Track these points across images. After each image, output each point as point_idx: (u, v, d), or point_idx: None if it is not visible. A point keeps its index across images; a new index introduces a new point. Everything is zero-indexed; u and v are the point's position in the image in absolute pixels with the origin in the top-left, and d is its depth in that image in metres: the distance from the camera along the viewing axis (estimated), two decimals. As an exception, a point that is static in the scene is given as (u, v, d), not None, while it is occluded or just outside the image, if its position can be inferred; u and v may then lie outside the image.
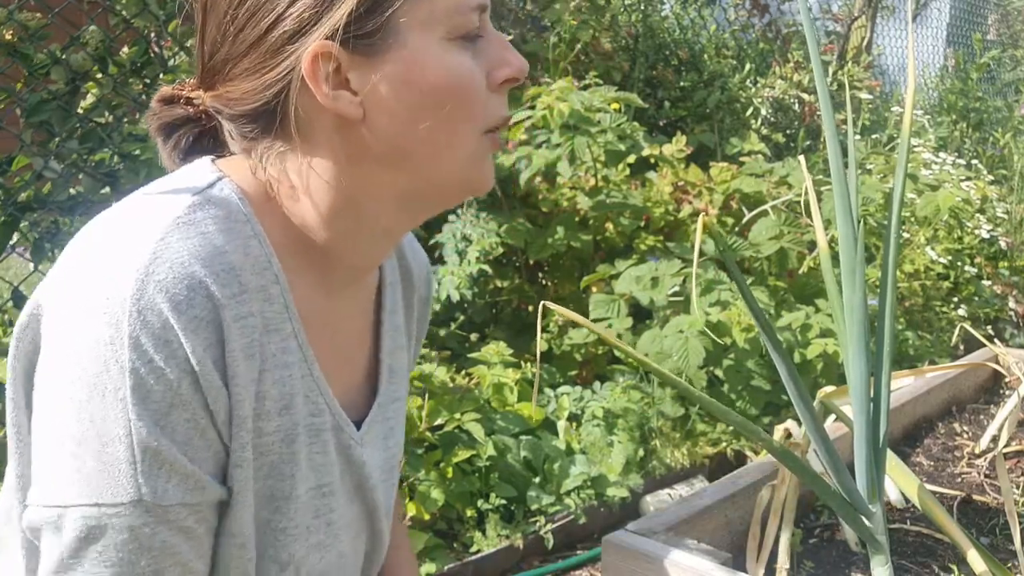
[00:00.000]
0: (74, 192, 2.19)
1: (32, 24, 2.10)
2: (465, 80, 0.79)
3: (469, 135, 0.81)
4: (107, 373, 0.71)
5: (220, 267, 0.75)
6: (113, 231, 0.77)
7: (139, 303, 0.71)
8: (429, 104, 0.78)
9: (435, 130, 0.79)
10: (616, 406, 2.64)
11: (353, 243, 0.85)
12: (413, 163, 0.81)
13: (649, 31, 4.68)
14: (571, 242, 3.01)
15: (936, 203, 3.51)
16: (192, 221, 0.76)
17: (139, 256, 0.72)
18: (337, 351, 0.90)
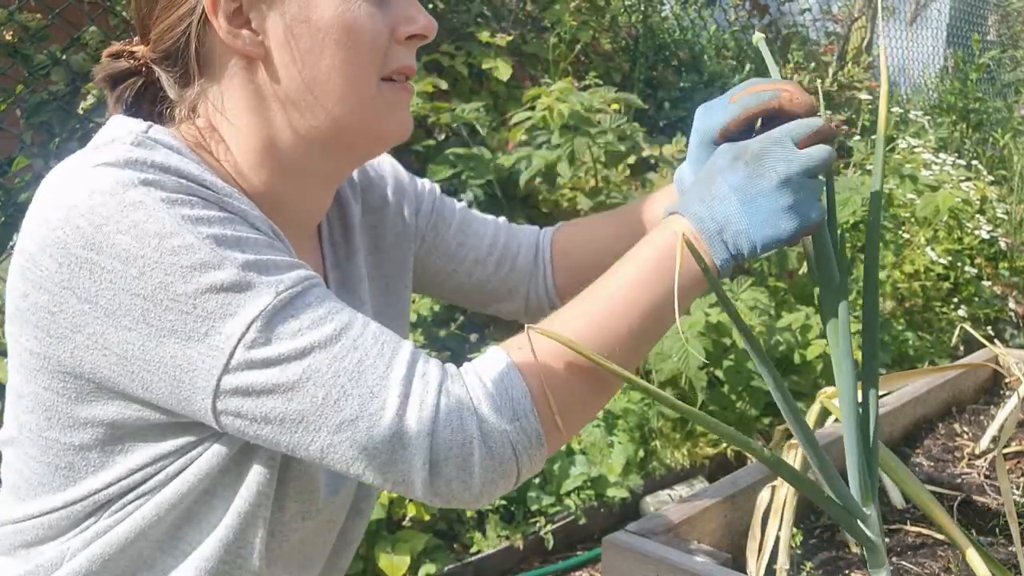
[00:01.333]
0: (74, 193, 2.19)
1: (32, 25, 2.11)
2: (360, 24, 0.81)
3: (366, 79, 0.82)
4: (162, 238, 0.71)
5: (196, 178, 0.76)
6: (76, 167, 0.75)
7: (147, 179, 0.72)
8: (324, 44, 0.80)
9: (331, 70, 0.81)
10: (616, 407, 2.64)
11: (286, 190, 0.86)
12: (314, 103, 0.82)
13: (649, 32, 4.69)
14: (571, 243, 3.01)
15: (936, 203, 3.51)
16: (143, 151, 0.75)
17: (119, 153, 0.74)
18: None
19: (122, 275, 0.71)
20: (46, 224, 0.75)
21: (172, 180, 0.74)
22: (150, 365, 0.72)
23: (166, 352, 0.71)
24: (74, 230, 0.72)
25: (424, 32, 0.85)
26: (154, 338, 0.71)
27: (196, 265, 0.71)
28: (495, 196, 3.06)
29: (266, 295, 0.71)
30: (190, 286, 0.70)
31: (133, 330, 0.71)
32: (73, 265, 0.72)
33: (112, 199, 0.71)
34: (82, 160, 0.76)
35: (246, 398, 0.71)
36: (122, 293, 0.71)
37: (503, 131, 3.34)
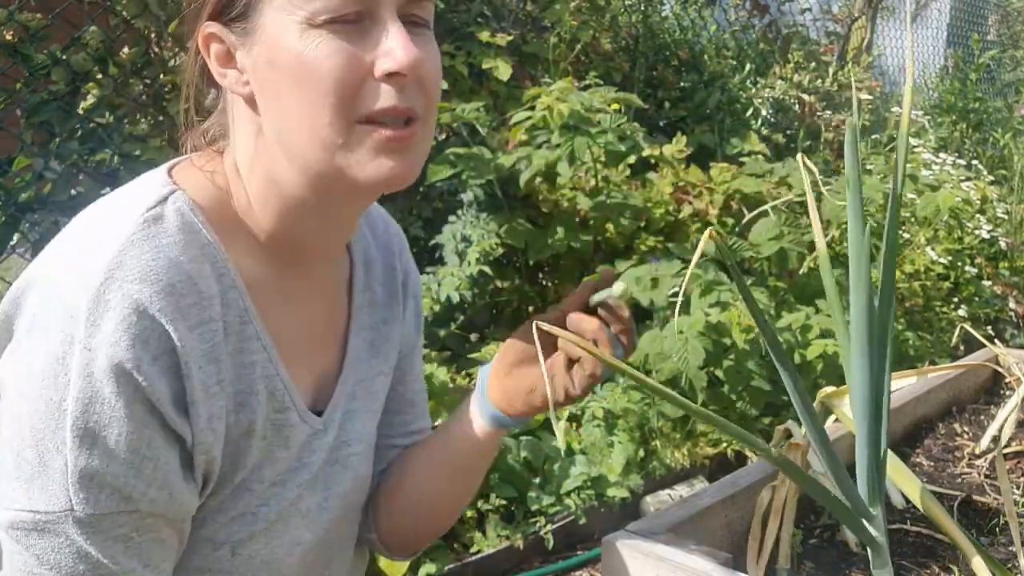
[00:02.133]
0: (75, 192, 2.19)
1: (33, 25, 2.10)
2: (317, 63, 0.77)
3: (331, 121, 0.78)
4: (53, 386, 0.73)
5: (177, 278, 0.77)
6: (69, 246, 0.80)
7: (89, 320, 0.73)
8: (285, 86, 0.79)
9: (295, 113, 0.79)
10: (616, 406, 2.64)
11: (294, 228, 0.87)
12: (290, 145, 0.82)
13: (649, 32, 4.68)
14: (571, 243, 3.01)
15: (936, 203, 3.51)
16: (147, 236, 0.78)
17: (94, 276, 0.75)
18: (307, 339, 0.93)
19: (12, 382, 0.76)
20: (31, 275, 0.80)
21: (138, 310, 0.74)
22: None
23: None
24: (28, 299, 0.78)
25: (400, 70, 0.78)
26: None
27: (49, 429, 0.74)
28: (495, 196, 3.06)
29: (55, 500, 0.74)
30: (34, 434, 0.74)
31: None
32: (12, 329, 0.79)
33: (61, 315, 0.74)
34: (90, 229, 0.80)
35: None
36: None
37: (503, 131, 3.34)
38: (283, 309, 0.89)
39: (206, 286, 0.80)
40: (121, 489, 0.75)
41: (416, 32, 0.81)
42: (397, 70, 0.78)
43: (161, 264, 0.77)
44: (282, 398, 0.88)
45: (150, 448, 0.76)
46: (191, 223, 0.81)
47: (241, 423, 0.84)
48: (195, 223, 0.81)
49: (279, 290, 0.89)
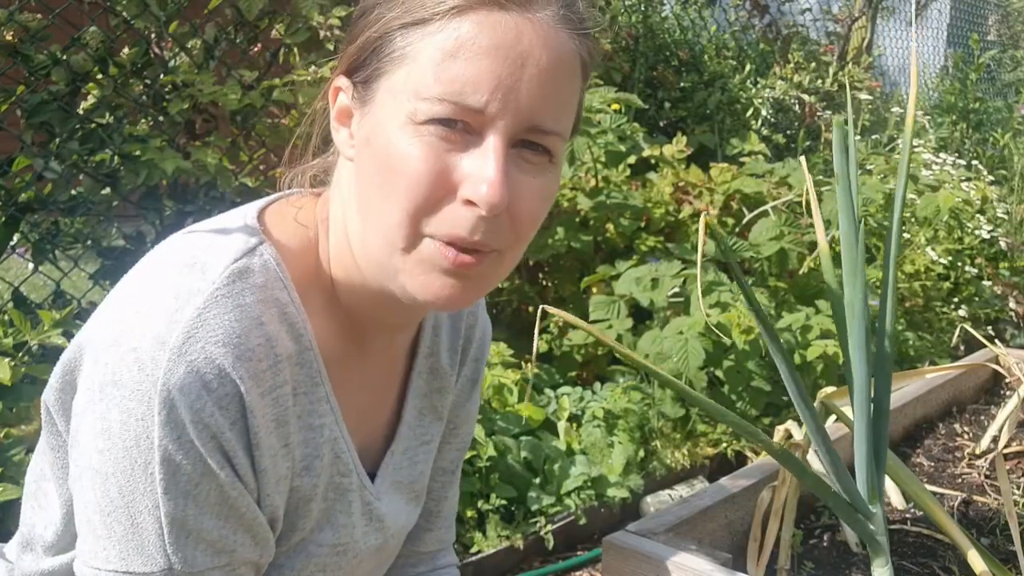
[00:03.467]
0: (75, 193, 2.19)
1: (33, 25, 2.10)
2: (408, 165, 0.72)
3: (400, 224, 0.74)
4: (137, 448, 0.71)
5: (256, 341, 0.75)
6: (146, 294, 0.76)
7: (170, 382, 0.71)
8: (375, 169, 0.75)
9: (377, 201, 0.75)
10: (616, 407, 2.64)
11: (356, 296, 0.84)
12: (364, 224, 0.78)
13: (649, 32, 4.68)
14: (571, 243, 3.01)
15: (937, 203, 3.51)
16: (231, 293, 0.75)
17: (174, 333, 0.72)
18: (365, 402, 0.91)
19: (90, 438, 0.74)
20: (104, 323, 0.77)
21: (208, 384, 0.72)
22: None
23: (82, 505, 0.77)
24: (98, 350, 0.75)
25: (479, 203, 0.72)
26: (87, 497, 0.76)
27: (138, 492, 0.72)
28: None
29: (152, 562, 0.73)
30: (123, 495, 0.73)
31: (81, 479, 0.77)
32: (80, 389, 0.77)
33: (138, 372, 0.72)
34: (168, 278, 0.76)
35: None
36: (86, 451, 0.75)
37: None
38: (347, 369, 0.87)
39: (282, 348, 0.77)
40: (216, 543, 0.75)
41: (528, 161, 0.75)
42: (475, 201, 0.72)
43: (244, 326, 0.74)
44: (347, 461, 0.86)
45: (238, 502, 0.76)
46: (275, 281, 0.79)
47: (305, 486, 0.83)
48: (279, 281, 0.79)
49: (345, 350, 0.87)
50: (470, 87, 0.71)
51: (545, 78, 0.73)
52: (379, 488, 0.92)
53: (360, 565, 0.92)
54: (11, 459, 1.63)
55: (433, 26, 0.72)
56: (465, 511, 2.33)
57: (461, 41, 0.71)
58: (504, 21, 0.71)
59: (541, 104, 0.73)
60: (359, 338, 0.88)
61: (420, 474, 0.98)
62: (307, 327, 0.80)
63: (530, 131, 0.74)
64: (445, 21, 0.71)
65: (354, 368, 0.88)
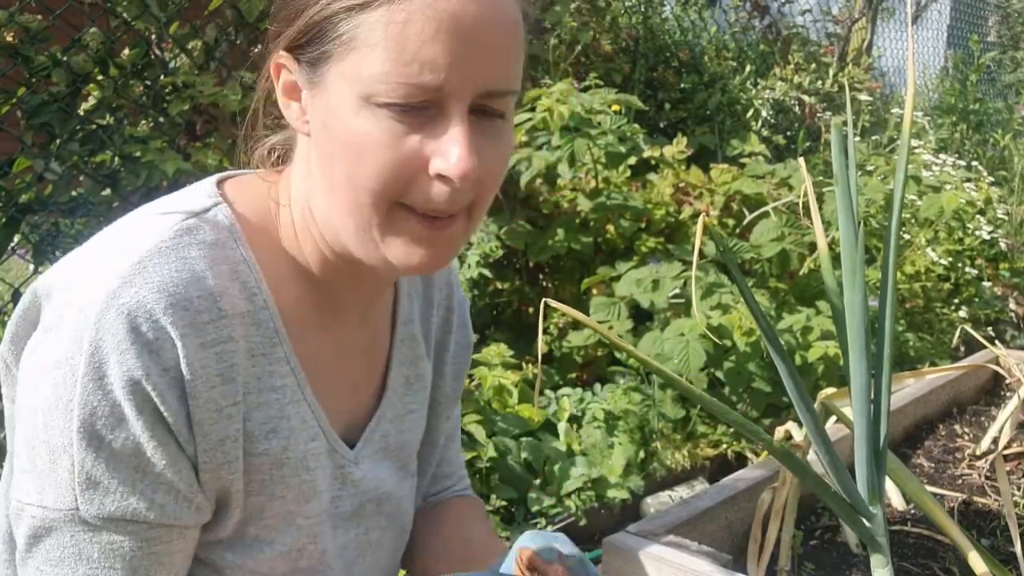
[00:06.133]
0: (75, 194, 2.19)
1: (33, 26, 2.10)
2: (373, 145, 0.73)
3: (373, 203, 0.75)
4: (63, 386, 0.73)
5: (196, 293, 0.76)
6: (102, 247, 0.79)
7: (99, 324, 0.72)
8: (335, 153, 0.76)
9: (341, 180, 0.76)
10: (617, 408, 2.64)
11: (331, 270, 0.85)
12: (331, 201, 0.79)
13: (649, 33, 4.69)
14: (571, 244, 3.01)
15: (940, 204, 3.51)
16: (176, 246, 0.77)
17: (112, 278, 0.74)
18: (338, 370, 0.91)
19: (29, 377, 0.76)
20: (63, 261, 0.80)
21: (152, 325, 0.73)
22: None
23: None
24: (54, 294, 0.78)
25: (450, 175, 0.74)
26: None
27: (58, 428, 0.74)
28: (495, 196, 3.05)
29: (62, 499, 0.75)
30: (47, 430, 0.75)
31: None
32: (37, 321, 0.79)
33: (77, 314, 0.74)
34: (125, 231, 0.79)
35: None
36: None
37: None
38: (319, 337, 0.87)
39: (230, 305, 0.78)
40: (126, 495, 0.75)
41: (486, 125, 0.77)
42: (447, 174, 0.74)
43: (183, 277, 0.75)
44: (310, 424, 0.86)
45: (157, 455, 0.75)
46: (228, 240, 0.80)
47: (274, 449, 0.82)
48: (232, 240, 0.80)
49: (317, 318, 0.87)
50: (426, 67, 0.71)
51: (495, 43, 0.74)
52: (359, 454, 0.92)
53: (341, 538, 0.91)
54: (11, 460, 1.63)
55: (379, 9, 0.72)
56: (465, 512, 2.33)
57: (410, 22, 0.71)
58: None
59: (494, 70, 0.75)
60: (334, 309, 0.88)
61: (407, 442, 0.99)
62: (261, 287, 0.81)
63: (486, 96, 0.75)
64: (387, 1, 0.72)
65: (326, 335, 0.88)
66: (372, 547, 0.96)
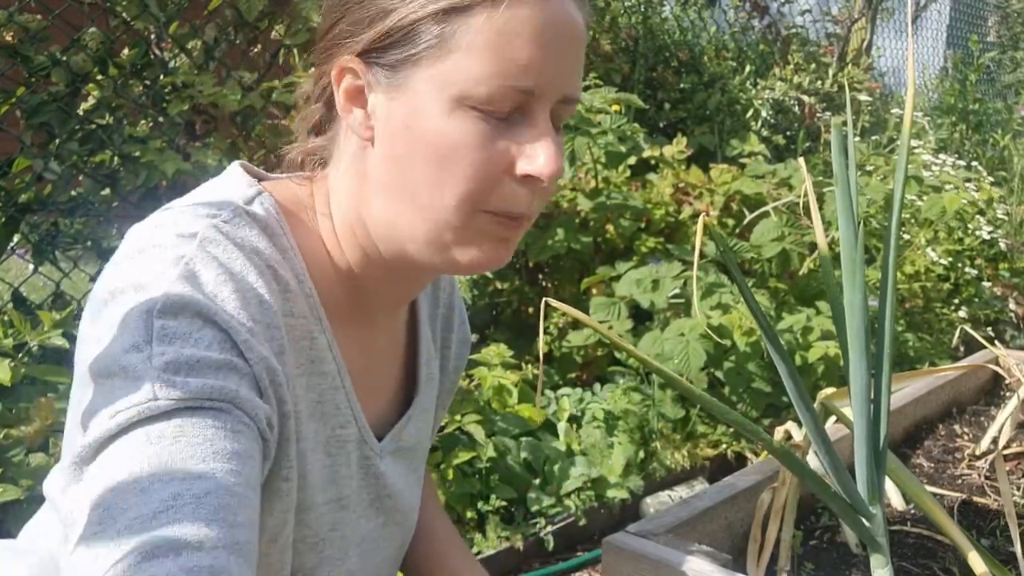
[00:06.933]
0: (74, 194, 2.19)
1: (32, 26, 2.10)
2: (464, 148, 0.74)
3: (457, 206, 0.76)
4: (143, 328, 0.68)
5: (262, 262, 0.76)
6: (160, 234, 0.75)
7: (189, 272, 0.71)
8: (418, 156, 0.76)
9: (421, 183, 0.76)
10: (616, 408, 2.64)
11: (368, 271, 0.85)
12: (399, 207, 0.79)
13: (649, 33, 4.69)
14: (571, 244, 3.02)
15: (942, 204, 3.51)
16: (236, 224, 0.76)
17: (183, 248, 0.73)
18: (369, 369, 0.91)
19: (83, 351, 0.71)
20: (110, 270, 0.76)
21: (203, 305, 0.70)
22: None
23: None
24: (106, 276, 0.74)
25: (539, 176, 0.75)
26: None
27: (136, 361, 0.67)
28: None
29: (137, 396, 0.66)
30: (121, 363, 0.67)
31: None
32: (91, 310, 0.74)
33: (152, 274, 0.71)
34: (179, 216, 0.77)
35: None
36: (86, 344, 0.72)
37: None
38: (351, 334, 0.87)
39: (289, 281, 0.78)
40: (209, 375, 0.68)
41: (554, 130, 0.78)
42: (535, 175, 0.76)
43: (249, 246, 0.76)
44: (345, 412, 0.86)
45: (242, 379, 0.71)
46: (275, 227, 0.79)
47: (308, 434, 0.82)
48: (279, 227, 0.80)
49: (350, 316, 0.87)
50: (521, 71, 0.73)
51: (575, 52, 0.77)
52: (384, 448, 0.92)
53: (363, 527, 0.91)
54: (11, 460, 1.63)
55: (480, 14, 0.73)
56: (465, 512, 2.33)
57: (510, 25, 0.73)
58: (538, 2, 0.74)
59: (573, 76, 0.78)
60: (366, 309, 0.89)
61: (419, 441, 0.99)
62: (306, 274, 0.81)
63: (563, 102, 0.78)
64: (488, 6, 0.73)
65: (360, 337, 0.89)
66: (384, 541, 0.96)
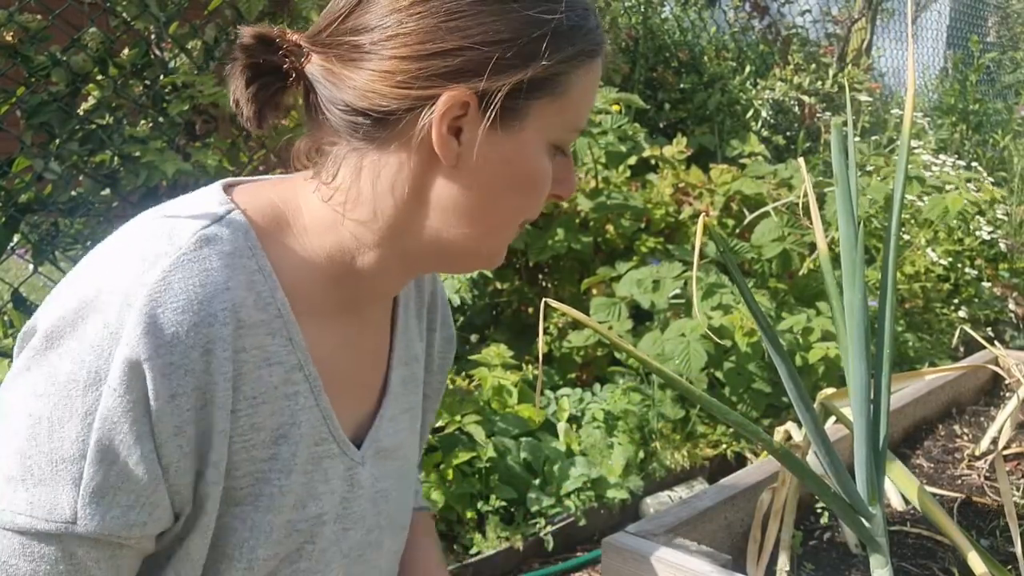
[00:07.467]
0: (75, 194, 2.19)
1: (33, 26, 2.10)
2: (542, 183, 0.84)
3: (516, 226, 0.87)
4: (82, 398, 0.72)
5: (219, 306, 0.76)
6: (122, 258, 0.77)
7: (132, 341, 0.72)
8: (510, 186, 0.83)
9: (502, 208, 0.84)
10: (616, 408, 2.64)
11: (385, 268, 0.87)
12: (464, 223, 0.83)
13: (649, 33, 4.69)
14: (571, 244, 3.02)
15: (944, 205, 3.51)
16: (197, 258, 0.76)
17: (140, 295, 0.74)
18: (352, 371, 0.92)
19: (30, 382, 0.74)
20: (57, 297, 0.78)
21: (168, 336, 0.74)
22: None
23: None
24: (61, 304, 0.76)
25: (565, 195, 0.89)
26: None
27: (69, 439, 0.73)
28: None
29: (59, 512, 0.73)
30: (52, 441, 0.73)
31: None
32: (27, 346, 0.76)
33: (102, 329, 0.73)
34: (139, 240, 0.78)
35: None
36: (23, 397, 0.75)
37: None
38: (336, 338, 0.88)
39: (247, 315, 0.78)
40: (127, 513, 0.75)
41: None
42: (565, 197, 0.89)
43: (208, 292, 0.76)
44: (320, 429, 0.86)
45: (165, 475, 0.75)
46: (243, 248, 0.80)
47: (284, 455, 0.83)
48: (248, 249, 0.80)
49: (335, 318, 0.88)
50: (585, 117, 0.86)
51: None
52: (364, 454, 0.93)
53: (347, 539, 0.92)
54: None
55: (583, 65, 0.82)
56: (465, 512, 2.33)
57: (590, 76, 0.84)
58: (603, 54, 0.86)
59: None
60: (354, 306, 0.90)
61: (402, 443, 0.99)
62: (276, 296, 0.81)
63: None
64: (587, 60, 0.83)
65: (339, 333, 0.89)
66: (372, 547, 0.96)
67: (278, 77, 0.83)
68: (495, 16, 0.78)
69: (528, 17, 0.79)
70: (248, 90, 0.82)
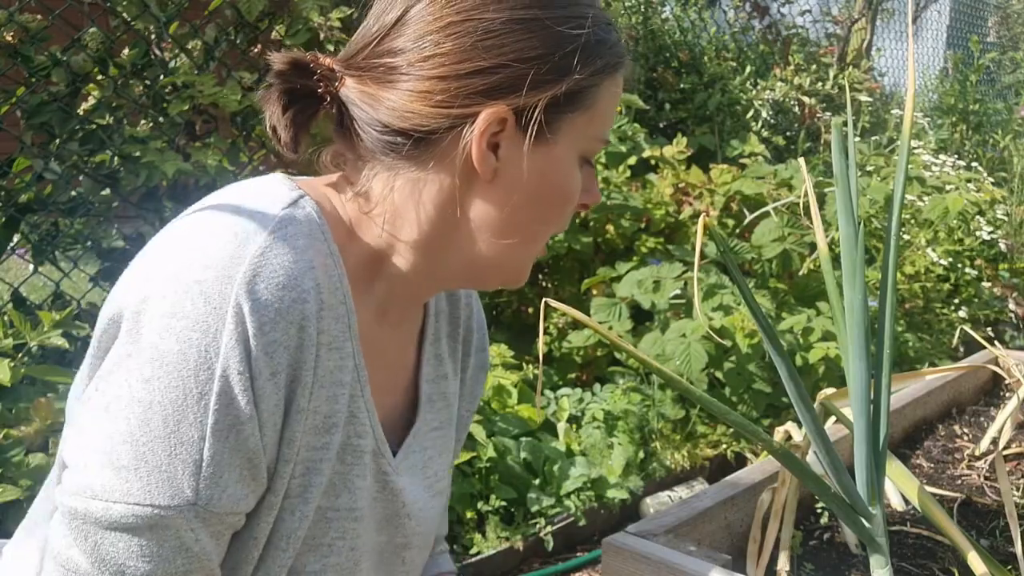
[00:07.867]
0: (74, 194, 2.19)
1: (33, 26, 2.10)
2: (574, 193, 0.86)
3: (546, 238, 0.89)
4: (195, 378, 0.72)
5: (310, 284, 0.77)
6: (212, 234, 0.77)
7: (233, 317, 0.73)
8: (543, 200, 0.85)
9: (534, 221, 0.86)
10: (616, 408, 2.64)
11: (414, 281, 0.88)
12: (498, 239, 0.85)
13: (650, 33, 4.69)
14: (571, 244, 3.02)
15: (945, 205, 3.51)
16: (286, 236, 0.77)
17: (240, 268, 0.74)
18: (383, 377, 0.92)
19: (134, 368, 0.74)
20: (140, 277, 0.78)
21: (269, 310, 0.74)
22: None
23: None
24: (141, 289, 0.75)
25: (591, 204, 0.91)
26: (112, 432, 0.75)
27: (187, 422, 0.73)
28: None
29: (180, 494, 0.73)
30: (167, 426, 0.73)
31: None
32: (121, 333, 0.76)
33: (204, 305, 0.73)
34: (223, 219, 0.78)
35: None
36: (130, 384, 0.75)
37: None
38: (377, 342, 0.89)
39: (326, 296, 0.79)
40: (241, 487, 0.76)
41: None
42: (589, 205, 0.90)
43: (300, 268, 0.77)
44: (364, 422, 0.87)
45: (264, 447, 0.77)
46: (316, 232, 0.81)
47: (332, 445, 0.83)
48: (320, 232, 0.81)
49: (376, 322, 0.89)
50: (610, 128, 0.88)
51: None
52: (400, 464, 0.93)
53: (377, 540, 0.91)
54: (11, 460, 1.63)
55: (609, 77, 0.84)
56: (465, 512, 2.33)
57: (615, 87, 0.86)
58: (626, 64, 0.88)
59: None
60: (383, 312, 0.90)
61: (431, 459, 0.99)
62: (343, 282, 0.82)
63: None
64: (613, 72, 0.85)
65: (376, 340, 0.90)
66: (397, 557, 0.96)
67: (313, 101, 0.85)
68: (529, 34, 0.80)
69: (560, 33, 0.81)
70: (286, 115, 0.84)
